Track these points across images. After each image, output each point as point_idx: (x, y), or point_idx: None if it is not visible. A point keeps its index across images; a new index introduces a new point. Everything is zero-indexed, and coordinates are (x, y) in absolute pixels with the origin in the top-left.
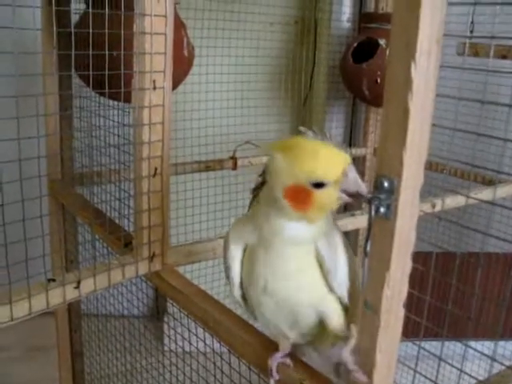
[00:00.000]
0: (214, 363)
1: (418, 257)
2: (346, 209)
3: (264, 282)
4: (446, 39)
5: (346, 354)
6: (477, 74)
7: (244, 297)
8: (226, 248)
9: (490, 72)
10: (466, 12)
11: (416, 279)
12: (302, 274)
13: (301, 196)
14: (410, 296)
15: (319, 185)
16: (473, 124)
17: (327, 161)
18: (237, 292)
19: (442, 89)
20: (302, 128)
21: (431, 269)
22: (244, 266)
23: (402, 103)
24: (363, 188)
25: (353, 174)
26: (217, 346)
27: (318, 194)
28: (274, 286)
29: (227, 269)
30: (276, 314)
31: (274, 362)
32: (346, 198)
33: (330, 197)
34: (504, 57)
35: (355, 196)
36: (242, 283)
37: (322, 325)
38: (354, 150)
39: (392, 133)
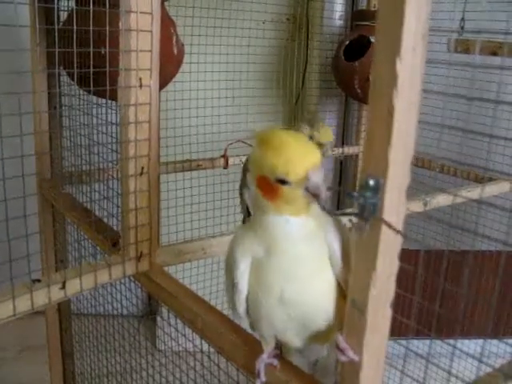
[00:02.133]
0: (203, 364)
1: (409, 254)
2: (338, 207)
3: (279, 292)
4: (437, 36)
5: (338, 335)
6: (466, 70)
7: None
8: (232, 264)
9: (477, 68)
10: (457, 9)
11: (406, 276)
12: (318, 277)
13: (268, 187)
14: (399, 294)
15: (282, 181)
16: (462, 120)
17: (291, 160)
18: (242, 307)
19: (430, 85)
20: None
21: (420, 266)
22: (251, 279)
23: (387, 100)
24: (322, 196)
25: (315, 178)
26: (207, 346)
27: (283, 189)
28: (290, 295)
29: (233, 285)
30: (287, 322)
31: (261, 363)
32: (310, 197)
33: (293, 194)
34: (494, 53)
35: (318, 197)
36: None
37: (328, 326)
38: (346, 149)
39: (377, 131)
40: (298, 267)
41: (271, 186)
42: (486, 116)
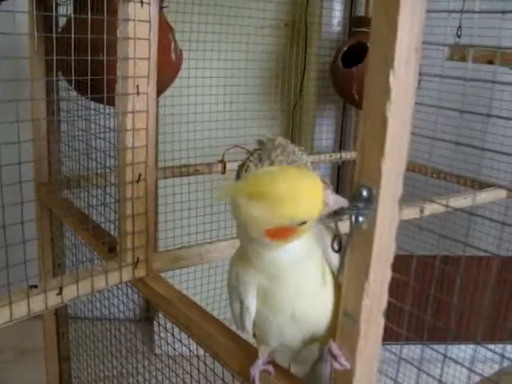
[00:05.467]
0: (198, 369)
1: (400, 260)
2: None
3: (291, 312)
4: (432, 50)
5: (331, 342)
6: (460, 84)
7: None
8: (241, 288)
9: (469, 80)
10: (453, 15)
11: (399, 282)
12: (323, 288)
13: (283, 232)
14: (391, 299)
15: (303, 222)
16: (454, 126)
17: (307, 202)
18: (250, 325)
19: (424, 92)
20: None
21: (412, 272)
22: (258, 302)
23: (381, 112)
24: (345, 204)
25: (332, 199)
26: (203, 351)
27: (301, 228)
28: (302, 312)
29: (241, 307)
30: (298, 334)
31: (256, 370)
32: (329, 217)
33: (309, 227)
34: (490, 62)
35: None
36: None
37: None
38: (343, 154)
39: (370, 142)
40: (305, 286)
41: (287, 230)
42: (479, 122)
